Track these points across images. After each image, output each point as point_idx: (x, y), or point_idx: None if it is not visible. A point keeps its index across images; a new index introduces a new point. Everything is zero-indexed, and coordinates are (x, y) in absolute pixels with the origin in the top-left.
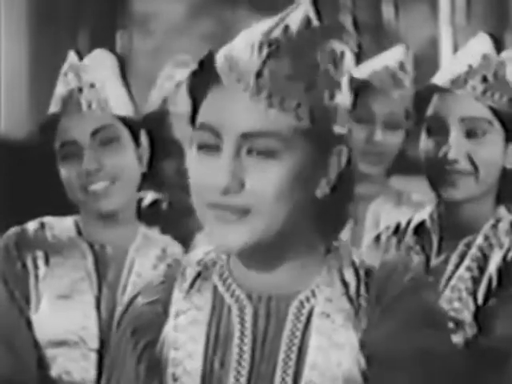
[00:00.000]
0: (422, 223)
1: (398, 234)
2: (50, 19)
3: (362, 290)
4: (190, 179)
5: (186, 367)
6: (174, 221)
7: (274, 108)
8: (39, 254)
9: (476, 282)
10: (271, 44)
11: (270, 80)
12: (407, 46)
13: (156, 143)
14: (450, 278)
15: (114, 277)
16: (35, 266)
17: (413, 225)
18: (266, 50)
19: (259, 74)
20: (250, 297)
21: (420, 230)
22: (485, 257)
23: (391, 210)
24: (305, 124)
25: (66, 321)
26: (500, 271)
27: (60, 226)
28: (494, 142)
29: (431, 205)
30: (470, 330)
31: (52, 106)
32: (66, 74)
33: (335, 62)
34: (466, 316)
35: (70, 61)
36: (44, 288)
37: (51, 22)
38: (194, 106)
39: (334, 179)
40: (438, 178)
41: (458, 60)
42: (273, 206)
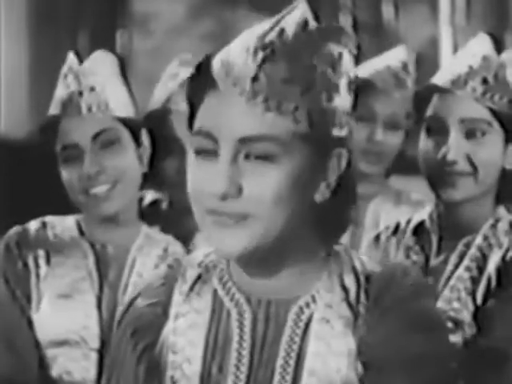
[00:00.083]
0: (421, 223)
1: (397, 234)
2: (50, 19)
3: (362, 297)
4: (188, 185)
5: (185, 371)
6: (174, 220)
7: (271, 112)
8: (40, 254)
9: (475, 282)
10: (266, 48)
11: (267, 84)
12: (410, 47)
13: (157, 142)
14: (450, 278)
15: (115, 276)
16: (36, 266)
17: (412, 225)
18: (261, 54)
19: (255, 78)
20: (249, 301)
21: (419, 230)
22: (484, 257)
23: (391, 209)
24: (303, 127)
25: (67, 320)
26: (499, 271)
27: (61, 226)
28: (494, 143)
29: (430, 204)
30: (469, 329)
31: (52, 108)
32: (65, 76)
33: (333, 64)
34: (465, 316)
35: (69, 63)
36: (45, 287)
37: (51, 23)
38: (192, 110)
39: (333, 183)
40: (438, 179)
41: (458, 60)
42: (271, 210)
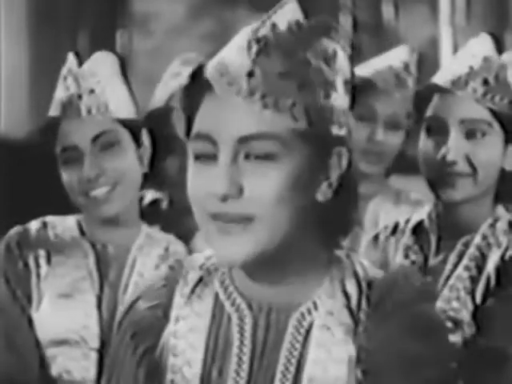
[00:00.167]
0: (420, 223)
1: (396, 233)
2: (50, 19)
3: (363, 304)
4: (188, 190)
5: (185, 374)
6: (174, 219)
7: (268, 109)
8: (41, 253)
9: (474, 281)
10: (259, 41)
11: (263, 79)
12: (412, 47)
13: (158, 142)
14: (449, 277)
15: (115, 276)
16: (37, 265)
17: (411, 224)
18: (255, 48)
19: (251, 73)
20: (250, 306)
21: (418, 229)
22: (483, 256)
23: (390, 209)
24: (301, 125)
25: (67, 320)
26: (498, 270)
27: (62, 225)
28: (493, 144)
29: (430, 204)
30: (469, 329)
31: (52, 110)
32: (65, 78)
33: (327, 60)
34: (464, 315)
35: (68, 65)
36: (46, 287)
37: (51, 23)
38: (188, 120)
39: (335, 182)
40: (437, 179)
41: (458, 60)
42: (274, 210)
